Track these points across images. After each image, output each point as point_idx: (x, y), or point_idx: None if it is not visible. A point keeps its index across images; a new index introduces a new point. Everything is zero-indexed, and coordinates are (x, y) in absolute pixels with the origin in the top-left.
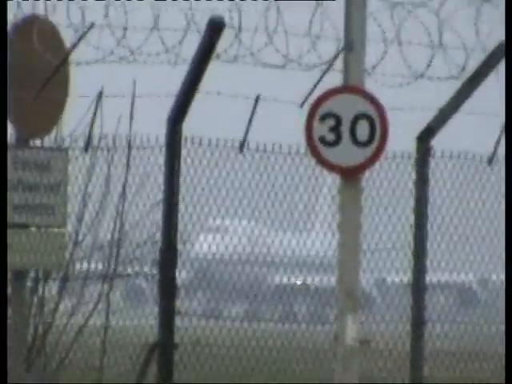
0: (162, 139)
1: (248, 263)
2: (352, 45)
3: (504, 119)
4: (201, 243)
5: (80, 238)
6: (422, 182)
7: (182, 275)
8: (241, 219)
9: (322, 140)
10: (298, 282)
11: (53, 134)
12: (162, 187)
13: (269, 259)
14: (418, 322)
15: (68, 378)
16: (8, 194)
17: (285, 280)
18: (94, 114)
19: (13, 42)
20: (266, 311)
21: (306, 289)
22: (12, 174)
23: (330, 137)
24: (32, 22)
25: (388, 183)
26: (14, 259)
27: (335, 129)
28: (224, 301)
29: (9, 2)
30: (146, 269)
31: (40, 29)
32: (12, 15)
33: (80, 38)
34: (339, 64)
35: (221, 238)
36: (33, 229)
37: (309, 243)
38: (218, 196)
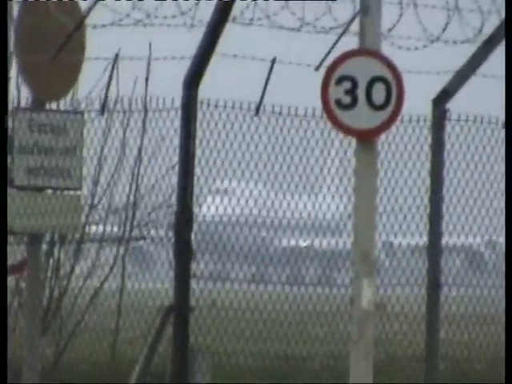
0: (178, 102)
1: (255, 226)
2: (368, 8)
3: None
4: (208, 205)
5: (95, 201)
6: (437, 145)
7: None
8: (248, 182)
9: (338, 103)
10: (304, 244)
11: (69, 97)
12: (178, 150)
13: (276, 222)
14: (434, 285)
15: (83, 340)
16: (24, 156)
17: (292, 243)
18: (110, 76)
19: (29, 6)
20: (272, 274)
21: (312, 251)
22: (28, 137)
23: (346, 100)
24: None
25: (404, 147)
26: (29, 222)
27: (351, 92)
28: (231, 263)
29: None
30: (162, 232)
31: None
32: None
33: (96, 1)
34: (355, 27)
35: (228, 201)
36: (48, 192)
37: (316, 206)
38: (234, 159)
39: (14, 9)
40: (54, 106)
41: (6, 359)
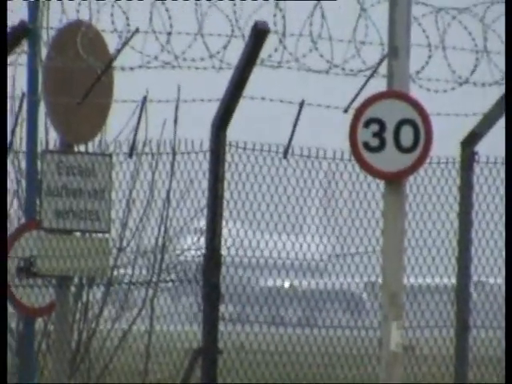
0: (207, 144)
1: (240, 266)
2: (396, 50)
3: None
4: (188, 245)
5: (124, 243)
6: (466, 187)
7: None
8: (227, 221)
9: (366, 145)
10: (286, 285)
11: (97, 140)
12: (207, 193)
13: (255, 262)
14: (463, 327)
15: (112, 382)
16: (52, 199)
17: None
18: (139, 119)
19: (57, 48)
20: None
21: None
22: (56, 180)
23: (374, 142)
24: (76, 28)
25: (432, 189)
26: (57, 265)
27: (379, 134)
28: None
29: (53, 7)
30: (190, 275)
31: (84, 34)
32: (57, 21)
33: (124, 44)
34: (383, 69)
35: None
36: (77, 234)
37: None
38: (263, 201)
39: (43, 51)
40: (82, 148)
41: (6, 359)
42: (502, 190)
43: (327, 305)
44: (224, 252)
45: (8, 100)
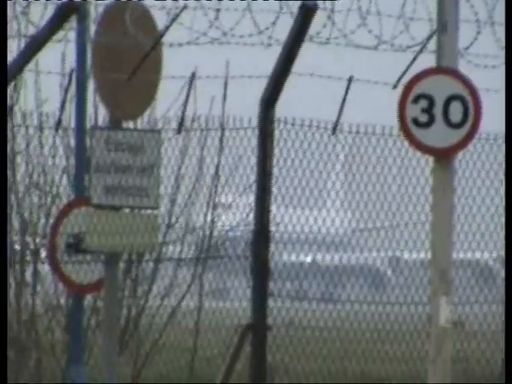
0: (255, 121)
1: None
2: (445, 26)
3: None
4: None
5: (173, 220)
6: None
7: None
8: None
9: (415, 121)
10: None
11: (146, 116)
12: (255, 169)
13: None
14: None
15: (161, 359)
16: (101, 175)
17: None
18: (187, 95)
19: (106, 25)
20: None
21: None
22: (105, 156)
23: (423, 118)
24: (125, 5)
25: (481, 164)
26: (106, 241)
27: (428, 110)
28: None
29: None
30: (239, 251)
31: (133, 11)
32: None
33: (173, 20)
34: (432, 45)
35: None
36: (126, 210)
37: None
38: (311, 178)
39: (92, 27)
40: (131, 124)
41: (6, 359)
42: None
43: (351, 280)
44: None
45: (57, 76)
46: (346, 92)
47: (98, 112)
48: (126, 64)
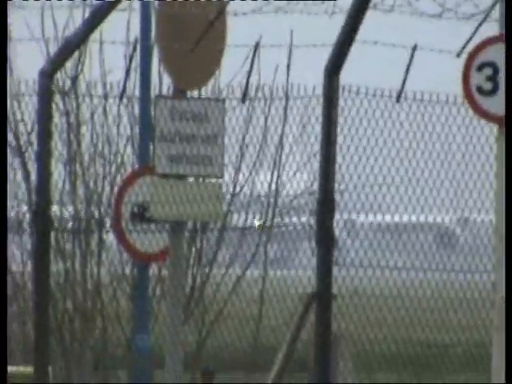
0: (320, 89)
1: None
2: None
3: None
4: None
5: (237, 189)
6: None
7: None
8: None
9: (479, 89)
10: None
11: (210, 85)
12: (319, 137)
13: None
14: None
15: (226, 328)
16: (165, 144)
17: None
18: (251, 64)
19: None
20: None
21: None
22: (169, 125)
23: (487, 86)
24: None
25: None
26: (171, 210)
27: (492, 78)
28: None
29: None
30: (303, 219)
31: None
32: None
33: None
34: (496, 13)
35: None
36: (190, 180)
37: None
38: (376, 146)
39: None
40: (195, 93)
41: (6, 358)
42: None
43: (420, 238)
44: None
45: (122, 46)
46: (410, 60)
47: (162, 81)
48: (190, 33)
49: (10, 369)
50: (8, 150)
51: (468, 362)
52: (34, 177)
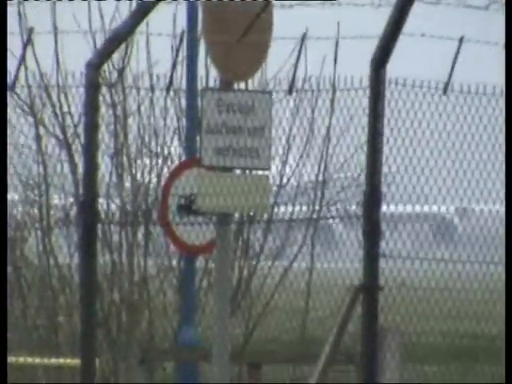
0: (366, 81)
1: None
2: None
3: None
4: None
5: (284, 181)
6: None
7: None
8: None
9: None
10: None
11: (256, 77)
12: (366, 129)
13: None
14: None
15: (273, 320)
16: (212, 136)
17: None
18: (298, 56)
19: None
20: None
21: None
22: (216, 117)
23: None
24: None
25: None
26: (217, 202)
27: None
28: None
29: None
30: (351, 211)
31: None
32: None
33: None
34: None
35: None
36: (237, 172)
37: None
38: (422, 138)
39: None
40: (241, 85)
41: (6, 358)
42: None
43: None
44: None
45: (168, 38)
46: (457, 52)
47: (208, 73)
48: (236, 25)
49: (57, 361)
50: (54, 143)
51: None
52: (80, 169)
